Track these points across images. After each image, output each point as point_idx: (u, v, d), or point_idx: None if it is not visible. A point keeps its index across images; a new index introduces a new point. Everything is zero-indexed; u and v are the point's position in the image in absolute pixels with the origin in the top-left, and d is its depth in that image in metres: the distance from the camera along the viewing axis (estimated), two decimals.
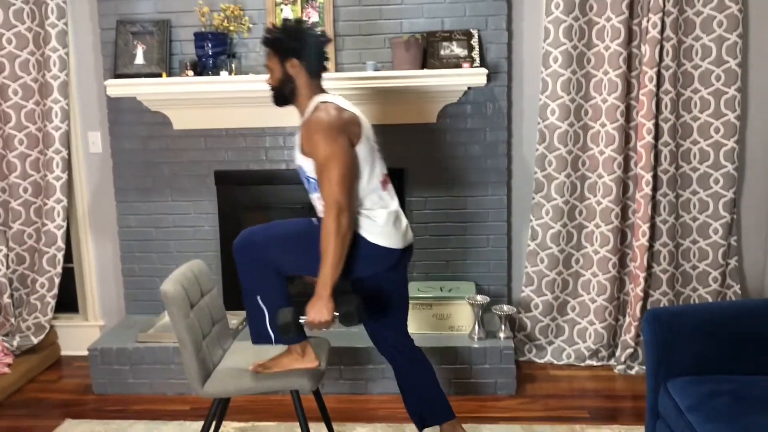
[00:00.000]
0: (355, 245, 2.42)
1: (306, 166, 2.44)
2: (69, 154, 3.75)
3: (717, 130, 3.43)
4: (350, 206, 2.37)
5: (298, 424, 2.87)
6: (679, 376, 2.30)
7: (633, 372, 3.53)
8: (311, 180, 2.46)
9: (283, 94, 2.50)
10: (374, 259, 2.48)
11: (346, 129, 2.38)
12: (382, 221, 2.46)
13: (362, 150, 2.43)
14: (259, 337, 2.55)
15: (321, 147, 2.33)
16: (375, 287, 2.55)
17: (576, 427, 2.98)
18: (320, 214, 2.51)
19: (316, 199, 2.49)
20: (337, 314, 2.37)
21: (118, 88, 3.44)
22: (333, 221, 2.32)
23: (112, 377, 3.43)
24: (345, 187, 2.34)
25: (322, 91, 2.51)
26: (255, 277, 2.49)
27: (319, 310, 2.36)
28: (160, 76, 3.47)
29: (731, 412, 2.04)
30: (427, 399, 2.67)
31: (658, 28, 3.29)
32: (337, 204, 2.32)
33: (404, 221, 2.58)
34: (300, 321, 2.40)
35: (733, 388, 2.18)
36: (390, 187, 2.57)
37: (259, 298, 2.50)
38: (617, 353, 3.60)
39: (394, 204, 2.54)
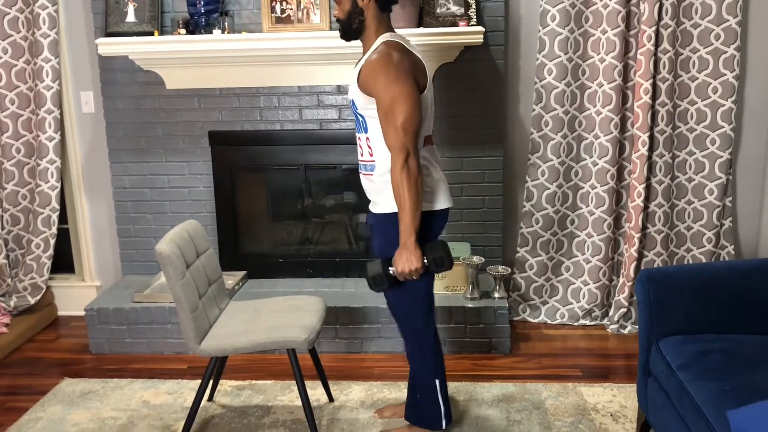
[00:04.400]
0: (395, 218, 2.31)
1: (359, 101, 2.33)
2: (61, 114, 3.71)
3: (715, 90, 3.41)
4: (417, 150, 2.27)
5: (294, 382, 2.92)
6: (671, 335, 2.33)
7: (626, 331, 3.57)
8: (360, 118, 2.37)
9: (351, 28, 2.38)
10: (426, 226, 2.34)
11: (414, 71, 2.28)
12: (433, 181, 2.39)
13: (426, 98, 2.34)
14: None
15: (388, 88, 2.21)
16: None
17: (569, 385, 3.02)
18: (361, 156, 2.43)
19: (362, 139, 2.39)
20: (426, 262, 2.33)
21: (110, 46, 3.39)
22: (402, 167, 2.22)
23: (110, 337, 3.45)
24: (412, 131, 2.23)
25: (390, 28, 2.40)
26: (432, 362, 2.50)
27: (408, 258, 2.28)
28: (151, 34, 3.41)
29: (721, 370, 2.07)
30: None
31: None
32: (404, 149, 2.22)
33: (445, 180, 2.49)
34: (390, 272, 2.35)
35: (724, 346, 2.20)
36: (434, 148, 2.46)
37: (437, 382, 2.52)
38: (611, 313, 3.63)
39: (436, 163, 2.44)
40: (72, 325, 3.86)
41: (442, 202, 2.42)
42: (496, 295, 3.43)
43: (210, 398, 2.96)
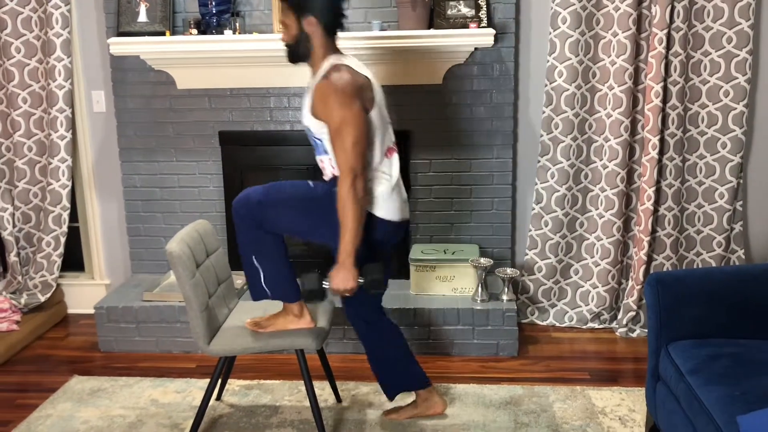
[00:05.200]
0: None
1: (314, 127, 2.41)
2: (73, 113, 3.73)
3: (726, 94, 3.40)
4: (364, 172, 2.35)
5: (302, 382, 2.92)
6: (681, 339, 2.32)
7: (634, 335, 3.56)
8: (318, 141, 2.44)
9: (298, 52, 2.44)
10: (365, 228, 2.41)
11: (360, 94, 2.34)
12: (379, 191, 2.44)
13: (374, 116, 2.39)
14: (257, 293, 2.56)
15: (335, 112, 2.29)
16: (359, 256, 2.42)
17: (577, 389, 3.01)
18: (325, 176, 2.50)
19: (325, 161, 2.46)
20: (361, 281, 2.40)
21: (121, 46, 3.41)
22: (349, 188, 2.30)
23: (119, 335, 3.47)
24: (359, 153, 2.31)
25: (337, 50, 2.45)
26: (251, 237, 2.48)
27: (344, 278, 2.36)
28: (163, 34, 3.43)
29: (731, 375, 2.06)
30: (401, 369, 2.69)
31: None
32: (352, 171, 2.30)
33: (403, 194, 2.55)
34: (323, 286, 2.44)
35: (734, 351, 2.19)
36: (395, 156, 2.52)
37: (254, 257, 2.50)
38: (619, 316, 3.62)
39: (395, 174, 2.50)
40: (81, 323, 3.88)
41: (382, 211, 2.45)
42: (505, 297, 3.42)
43: (218, 397, 2.97)
